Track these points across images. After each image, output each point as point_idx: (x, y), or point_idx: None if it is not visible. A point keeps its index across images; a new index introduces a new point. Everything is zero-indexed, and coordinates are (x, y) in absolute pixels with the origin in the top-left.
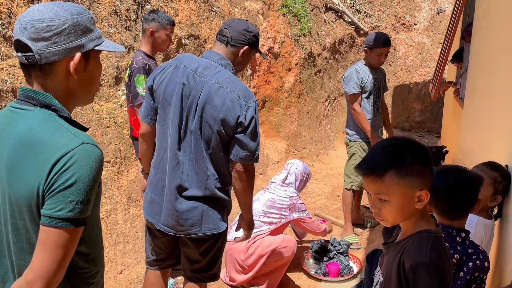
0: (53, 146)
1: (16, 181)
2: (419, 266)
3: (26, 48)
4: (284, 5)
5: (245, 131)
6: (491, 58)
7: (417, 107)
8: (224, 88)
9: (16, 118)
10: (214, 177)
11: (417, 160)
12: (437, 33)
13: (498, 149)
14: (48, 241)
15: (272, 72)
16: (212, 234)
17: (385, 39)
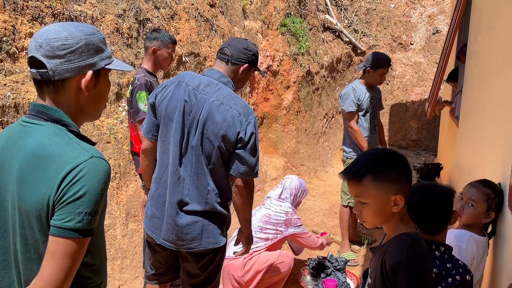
0: (63, 160)
1: (27, 193)
2: (398, 266)
3: (40, 64)
4: (283, 24)
5: (245, 147)
6: (484, 79)
7: (414, 126)
8: (225, 105)
9: (27, 132)
10: (215, 192)
11: (394, 168)
12: (433, 53)
13: (492, 167)
14: (57, 250)
15: (271, 90)
16: (212, 248)
17: (389, 60)
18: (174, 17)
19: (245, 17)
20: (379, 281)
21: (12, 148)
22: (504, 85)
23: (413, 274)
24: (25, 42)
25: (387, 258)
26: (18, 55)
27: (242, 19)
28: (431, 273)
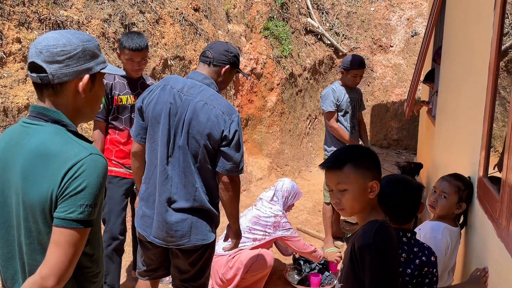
0: (64, 157)
1: (31, 188)
2: (364, 248)
3: (41, 69)
4: (266, 27)
5: (230, 144)
6: (457, 80)
7: (394, 126)
8: (209, 105)
9: (29, 132)
10: (202, 189)
11: (368, 158)
12: (412, 54)
13: (463, 163)
14: (61, 240)
15: (255, 92)
16: (200, 245)
17: (360, 62)
18: (159, 22)
19: (229, 20)
20: (349, 264)
21: (15, 148)
22: (473, 86)
23: (378, 256)
24: (12, 47)
25: (355, 241)
26: (6, 59)
27: (225, 22)
28: (397, 257)
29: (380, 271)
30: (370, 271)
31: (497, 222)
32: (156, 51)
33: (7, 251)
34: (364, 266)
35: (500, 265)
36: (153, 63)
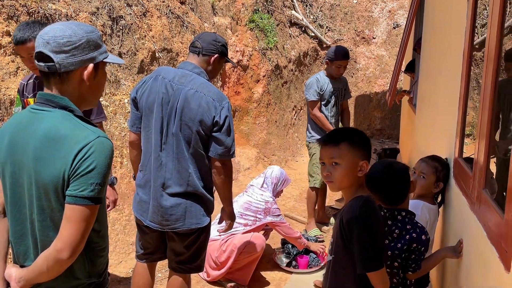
0: (75, 139)
1: (44, 169)
2: (351, 221)
3: (48, 59)
4: (251, 20)
5: (221, 129)
6: (435, 69)
7: (377, 116)
8: (199, 93)
9: (38, 118)
10: (196, 174)
11: (362, 140)
12: (394, 46)
13: (441, 146)
14: (74, 216)
15: (242, 84)
16: (195, 228)
17: (344, 53)
18: (146, 14)
19: (215, 13)
20: (339, 237)
21: (25, 132)
22: (450, 75)
23: (364, 226)
24: (2, 40)
25: (343, 216)
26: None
27: (211, 15)
28: (382, 230)
29: (368, 240)
30: (359, 241)
31: (470, 197)
32: (144, 44)
33: (20, 228)
34: (352, 237)
35: (473, 235)
36: (141, 55)
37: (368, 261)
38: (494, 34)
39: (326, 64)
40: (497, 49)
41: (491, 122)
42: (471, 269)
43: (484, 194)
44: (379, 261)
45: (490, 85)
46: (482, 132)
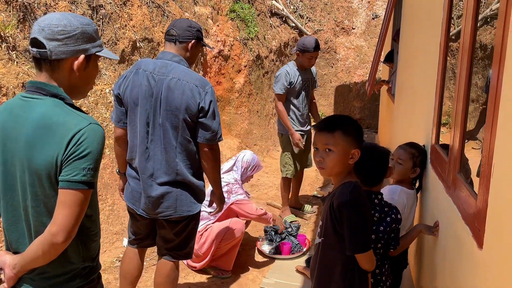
0: (67, 126)
1: (37, 156)
2: (342, 205)
3: (41, 45)
4: (232, 10)
5: (207, 114)
6: (413, 59)
7: (357, 105)
8: (182, 81)
9: (29, 105)
10: (184, 162)
11: (355, 129)
12: (373, 36)
13: (419, 134)
14: (67, 200)
15: (223, 74)
16: (186, 216)
17: (315, 45)
18: (127, 4)
19: (195, 3)
20: (329, 221)
21: (16, 120)
22: (427, 65)
23: (355, 210)
24: None
25: (334, 200)
26: None
27: (192, 5)
28: (370, 211)
29: (357, 224)
30: (349, 225)
31: (446, 181)
32: (124, 33)
33: (12, 215)
34: (342, 220)
35: (449, 217)
36: (122, 45)
37: (357, 243)
38: (469, 25)
39: (296, 55)
40: (472, 40)
41: (466, 111)
42: (447, 248)
43: (459, 178)
44: (367, 244)
45: (465, 75)
46: (457, 120)
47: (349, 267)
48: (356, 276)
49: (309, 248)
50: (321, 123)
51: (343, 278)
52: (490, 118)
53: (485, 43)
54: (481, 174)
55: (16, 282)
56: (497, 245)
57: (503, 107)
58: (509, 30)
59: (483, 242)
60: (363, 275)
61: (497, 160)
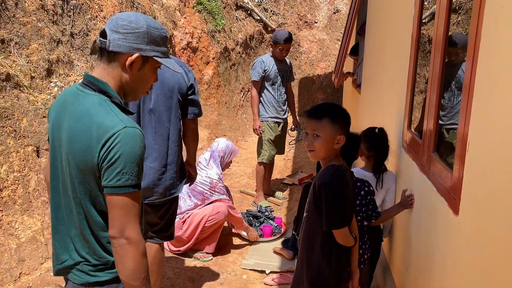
0: (103, 128)
1: (75, 151)
2: (322, 186)
3: (105, 35)
4: (199, 2)
5: (195, 91)
6: (380, 51)
7: (320, 97)
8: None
9: (79, 98)
10: (175, 143)
11: (342, 117)
12: (335, 30)
13: (388, 121)
14: (114, 204)
15: (192, 66)
16: (167, 199)
17: (285, 37)
18: None
19: None
20: (312, 198)
21: (65, 112)
22: (396, 55)
23: (332, 192)
24: None
25: (317, 180)
26: None
27: None
28: (349, 194)
29: (334, 203)
30: (326, 203)
31: (421, 161)
32: (95, 24)
33: (56, 200)
34: (322, 199)
35: (424, 193)
36: (93, 36)
37: (332, 220)
38: (442, 20)
39: (271, 46)
40: (445, 34)
41: (439, 98)
42: (422, 219)
43: (434, 156)
44: (342, 221)
45: (438, 65)
46: (431, 105)
47: (327, 241)
48: (333, 250)
49: (286, 231)
50: (311, 110)
51: (322, 250)
52: (464, 102)
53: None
54: (457, 151)
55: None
56: (472, 210)
57: (477, 93)
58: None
59: (459, 209)
60: (340, 249)
61: (471, 138)
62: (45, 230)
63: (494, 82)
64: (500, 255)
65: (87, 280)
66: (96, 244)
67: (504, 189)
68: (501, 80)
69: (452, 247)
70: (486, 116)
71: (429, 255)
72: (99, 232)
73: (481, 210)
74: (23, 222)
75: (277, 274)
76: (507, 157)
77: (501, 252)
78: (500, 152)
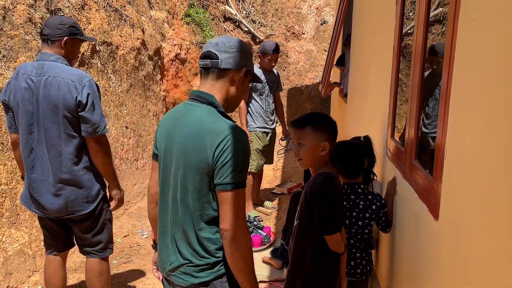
0: (214, 133)
1: (191, 156)
2: (313, 192)
3: (214, 56)
4: (187, 14)
5: (85, 107)
6: (365, 61)
7: (308, 107)
8: (57, 78)
9: (188, 111)
10: (71, 160)
11: (325, 125)
12: (322, 41)
13: (373, 130)
14: (223, 200)
15: (180, 77)
16: (83, 214)
17: (274, 48)
18: (85, 7)
19: (151, 7)
20: (303, 205)
21: (177, 124)
22: (380, 66)
23: (324, 198)
24: None
25: (308, 188)
26: None
27: (148, 9)
28: (340, 201)
29: (326, 209)
30: (318, 210)
31: (403, 168)
32: None
33: (162, 203)
34: (313, 206)
35: (406, 199)
36: (81, 48)
37: (325, 226)
38: (421, 33)
39: (259, 57)
40: (423, 45)
41: (419, 107)
42: (405, 223)
43: (415, 164)
44: (335, 227)
45: (418, 75)
46: (412, 115)
47: (319, 249)
48: (324, 258)
49: (275, 240)
50: (295, 120)
51: (313, 257)
52: (442, 111)
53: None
54: (435, 158)
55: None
56: (450, 215)
57: (453, 101)
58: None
59: (438, 214)
60: (332, 257)
61: (449, 145)
62: (33, 243)
63: (469, 91)
64: (478, 258)
65: (192, 282)
66: (199, 246)
67: (480, 194)
68: (475, 88)
69: (433, 251)
70: (462, 124)
71: (412, 260)
72: (203, 233)
73: (460, 214)
74: (11, 235)
75: (267, 284)
76: (483, 163)
77: (479, 255)
78: (476, 158)
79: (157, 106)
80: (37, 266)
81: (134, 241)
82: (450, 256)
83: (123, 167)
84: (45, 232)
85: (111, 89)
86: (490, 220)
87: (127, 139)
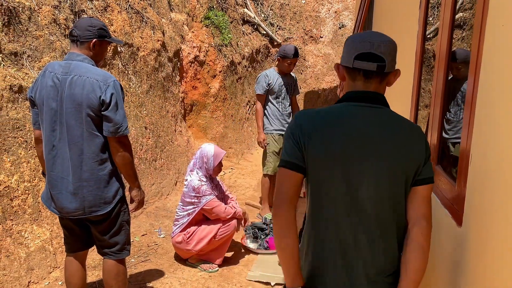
0: (417, 132)
1: (403, 156)
2: None
3: (380, 59)
4: (206, 17)
5: (108, 107)
6: None
7: None
8: (83, 77)
9: (377, 113)
10: (92, 159)
11: None
12: (340, 45)
13: None
14: (429, 195)
15: (199, 79)
16: (101, 214)
17: (294, 52)
18: (107, 9)
19: (171, 9)
20: None
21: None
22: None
23: None
24: None
25: None
26: None
27: (168, 11)
28: None
29: None
30: None
31: None
32: None
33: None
34: None
35: None
36: None
37: None
38: (446, 37)
39: (277, 61)
40: (448, 51)
41: (442, 112)
42: None
43: (437, 169)
44: None
45: (441, 80)
46: (434, 120)
47: None
48: None
49: None
50: None
51: None
52: (467, 116)
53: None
54: (460, 164)
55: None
56: (474, 222)
57: (478, 107)
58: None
59: (462, 220)
60: None
61: (473, 152)
62: (54, 239)
63: (495, 96)
64: (503, 266)
65: None
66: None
67: (504, 201)
68: (501, 94)
69: (456, 258)
70: (488, 130)
71: (434, 267)
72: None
73: (483, 221)
74: (33, 232)
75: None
76: (508, 169)
77: (504, 262)
78: (501, 165)
79: (175, 107)
80: (58, 262)
81: (152, 240)
82: (473, 263)
83: (142, 167)
84: (65, 231)
85: (131, 90)
86: None
87: (146, 139)
